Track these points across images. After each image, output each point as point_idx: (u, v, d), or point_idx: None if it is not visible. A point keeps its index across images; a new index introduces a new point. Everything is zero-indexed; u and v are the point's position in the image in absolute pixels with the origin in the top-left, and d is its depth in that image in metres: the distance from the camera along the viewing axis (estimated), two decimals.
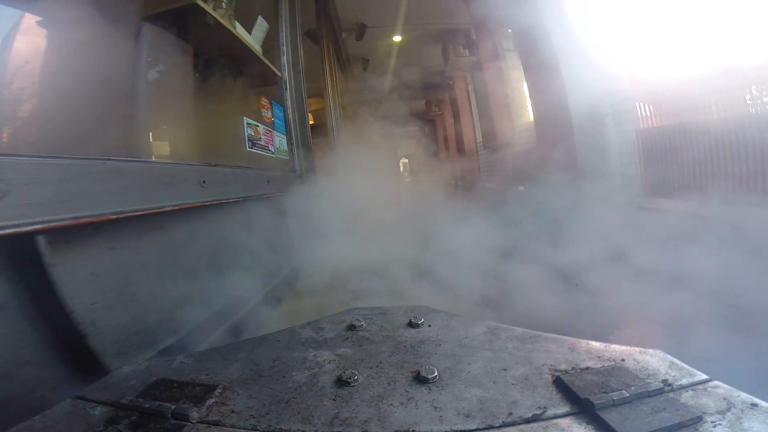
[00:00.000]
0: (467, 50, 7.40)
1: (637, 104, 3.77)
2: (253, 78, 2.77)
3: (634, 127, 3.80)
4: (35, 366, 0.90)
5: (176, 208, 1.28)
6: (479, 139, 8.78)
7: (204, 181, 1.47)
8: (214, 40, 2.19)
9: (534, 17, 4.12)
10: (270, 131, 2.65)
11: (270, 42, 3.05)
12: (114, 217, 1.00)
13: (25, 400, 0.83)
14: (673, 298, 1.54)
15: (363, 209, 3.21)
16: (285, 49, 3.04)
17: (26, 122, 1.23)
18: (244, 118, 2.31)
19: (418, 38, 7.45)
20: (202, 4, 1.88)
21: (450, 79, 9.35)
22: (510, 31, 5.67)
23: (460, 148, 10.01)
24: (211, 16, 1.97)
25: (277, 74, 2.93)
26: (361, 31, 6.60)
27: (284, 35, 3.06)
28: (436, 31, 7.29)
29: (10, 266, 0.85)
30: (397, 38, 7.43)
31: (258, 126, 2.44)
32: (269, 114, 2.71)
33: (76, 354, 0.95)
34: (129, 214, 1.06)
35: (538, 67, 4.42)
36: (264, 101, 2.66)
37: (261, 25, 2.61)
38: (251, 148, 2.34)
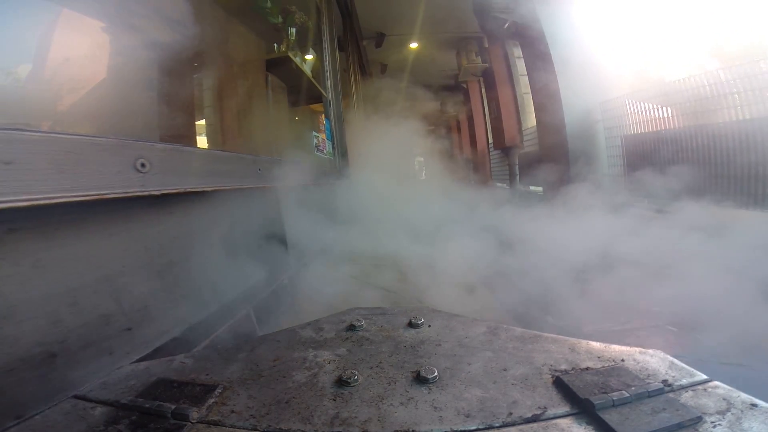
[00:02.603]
0: (479, 57, 7.85)
1: (627, 111, 4.23)
2: (310, 99, 3.95)
3: (620, 133, 4.31)
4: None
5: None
6: (490, 140, 9.02)
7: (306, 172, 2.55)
8: (293, 77, 3.35)
9: (537, 32, 4.60)
10: (324, 139, 3.69)
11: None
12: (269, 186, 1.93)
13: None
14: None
15: (382, 195, 4.28)
16: (329, 75, 3.93)
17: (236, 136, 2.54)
18: (313, 132, 3.48)
19: (434, 45, 7.92)
20: (290, 55, 3.07)
21: (464, 83, 9.60)
22: (518, 43, 6.13)
23: (473, 148, 10.23)
24: (294, 62, 3.13)
25: (324, 95, 3.91)
26: (380, 39, 7.28)
27: (328, 64, 3.94)
28: (450, 38, 7.76)
29: (264, 205, 1.86)
30: (413, 45, 7.94)
31: (318, 136, 3.52)
32: (323, 127, 3.83)
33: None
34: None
35: (540, 76, 4.87)
36: (322, 118, 3.79)
37: (311, 55, 3.62)
38: (316, 152, 3.41)
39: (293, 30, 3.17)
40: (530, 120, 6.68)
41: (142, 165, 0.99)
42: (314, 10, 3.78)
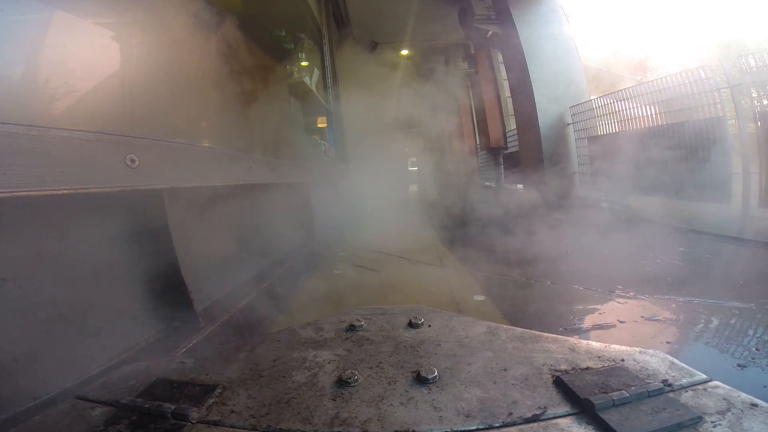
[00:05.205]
0: (466, 63, 8.28)
1: (592, 115, 4.83)
2: (317, 112, 4.77)
3: (587, 135, 4.92)
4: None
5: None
6: (478, 141, 9.37)
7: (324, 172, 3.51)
8: (306, 97, 4.01)
9: (515, 42, 5.15)
10: (329, 146, 4.57)
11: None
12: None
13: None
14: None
15: (375, 190, 5.17)
16: (330, 89, 4.56)
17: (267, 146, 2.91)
18: (321, 141, 4.40)
19: (423, 52, 8.35)
20: (305, 80, 3.68)
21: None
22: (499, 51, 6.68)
23: (462, 149, 10.44)
24: (307, 85, 3.75)
25: (327, 108, 4.61)
26: (373, 47, 7.76)
27: (329, 79, 4.53)
28: (439, 46, 8.20)
29: (301, 191, 2.91)
30: (404, 52, 8.37)
31: (326, 144, 4.45)
32: (327, 135, 4.72)
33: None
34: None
35: (517, 83, 5.41)
36: (327, 128, 4.73)
37: (315, 73, 4.16)
38: (324, 156, 4.31)
39: (303, 54, 3.77)
40: (514, 122, 7.03)
41: (250, 168, 1.76)
42: (315, 30, 4.23)
